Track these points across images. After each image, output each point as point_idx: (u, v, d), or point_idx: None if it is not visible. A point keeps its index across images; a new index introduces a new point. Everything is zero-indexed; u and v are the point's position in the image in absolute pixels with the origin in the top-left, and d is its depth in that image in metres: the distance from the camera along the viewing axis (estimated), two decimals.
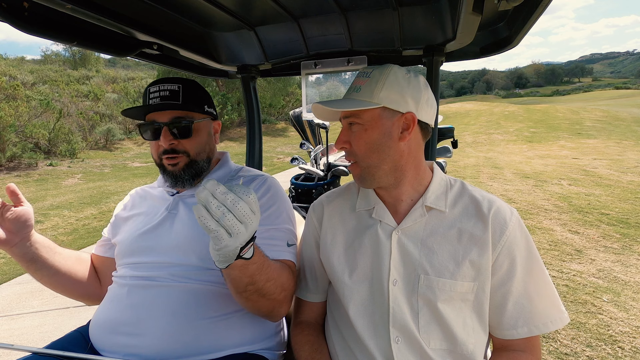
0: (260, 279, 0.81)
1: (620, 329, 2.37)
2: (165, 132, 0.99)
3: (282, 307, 0.93)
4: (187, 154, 1.03)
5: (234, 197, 0.64)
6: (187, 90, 1.03)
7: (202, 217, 0.63)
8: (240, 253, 0.69)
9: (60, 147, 11.63)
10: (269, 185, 1.09)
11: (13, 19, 0.85)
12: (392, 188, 0.88)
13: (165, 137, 0.99)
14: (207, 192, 0.63)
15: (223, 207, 0.63)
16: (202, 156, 1.06)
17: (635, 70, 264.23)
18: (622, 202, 5.16)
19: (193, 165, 1.04)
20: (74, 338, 0.99)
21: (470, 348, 0.81)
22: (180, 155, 1.02)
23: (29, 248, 0.97)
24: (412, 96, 0.83)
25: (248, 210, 0.65)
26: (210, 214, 0.63)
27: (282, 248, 0.98)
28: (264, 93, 20.00)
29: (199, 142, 1.05)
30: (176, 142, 1.01)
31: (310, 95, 1.67)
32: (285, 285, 0.89)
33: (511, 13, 1.16)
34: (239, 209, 0.64)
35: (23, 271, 3.83)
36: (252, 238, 0.71)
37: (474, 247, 0.81)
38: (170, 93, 1.01)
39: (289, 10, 1.24)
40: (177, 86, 1.01)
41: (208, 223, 0.63)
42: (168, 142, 1.00)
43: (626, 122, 15.58)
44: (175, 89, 1.01)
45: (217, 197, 0.63)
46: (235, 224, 0.64)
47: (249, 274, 0.78)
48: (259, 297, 0.84)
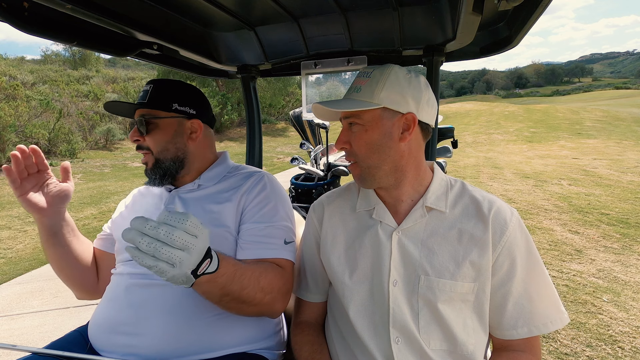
0: (233, 289, 0.80)
1: (620, 329, 2.37)
2: (134, 129, 1.05)
3: (274, 308, 0.92)
4: (150, 151, 1.05)
5: (167, 228, 0.62)
6: (156, 90, 1.05)
7: (136, 257, 0.61)
8: (198, 272, 0.68)
9: (60, 147, 11.63)
10: (265, 182, 1.08)
11: (13, 19, 0.85)
12: (393, 188, 0.88)
13: (132, 133, 1.05)
14: (135, 232, 0.61)
15: (155, 241, 0.61)
16: (165, 155, 1.05)
17: (635, 70, 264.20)
18: (622, 202, 5.16)
19: (158, 164, 1.05)
20: (74, 338, 0.99)
21: (471, 348, 0.81)
22: (146, 152, 1.06)
23: (58, 221, 1.04)
24: (412, 96, 0.83)
25: (186, 236, 0.63)
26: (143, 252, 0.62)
27: (278, 246, 0.98)
28: (264, 93, 19.99)
29: (160, 139, 1.04)
30: (141, 138, 1.05)
31: (310, 95, 1.67)
32: (268, 289, 0.88)
33: (511, 13, 1.16)
34: (175, 238, 0.62)
35: (23, 271, 3.83)
36: (207, 255, 0.70)
37: (474, 247, 0.81)
38: (144, 93, 1.06)
39: (289, 10, 1.24)
40: (149, 86, 1.06)
41: (144, 261, 0.61)
42: (132, 138, 1.05)
43: (626, 122, 15.58)
44: (147, 89, 1.06)
45: (148, 233, 0.61)
46: (175, 254, 0.62)
47: (219, 286, 0.78)
48: (239, 304, 0.84)
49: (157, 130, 1.04)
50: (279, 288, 0.91)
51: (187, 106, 1.08)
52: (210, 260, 0.71)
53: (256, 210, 1.02)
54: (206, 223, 0.98)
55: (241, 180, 1.08)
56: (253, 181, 1.08)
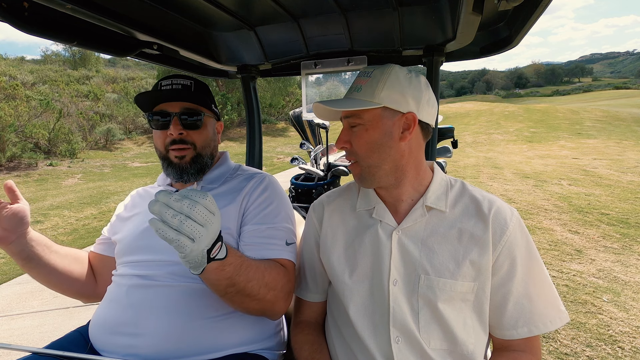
0: (239, 280, 0.81)
1: (620, 329, 2.37)
2: (175, 121, 1.01)
3: (276, 307, 0.92)
4: (195, 146, 1.04)
5: (190, 202, 0.64)
6: (198, 86, 1.07)
7: (160, 229, 0.63)
8: (210, 255, 0.70)
9: (60, 147, 11.63)
10: (267, 184, 1.08)
11: (13, 19, 0.85)
12: (393, 188, 0.88)
13: (175, 126, 1.01)
14: (161, 204, 0.63)
15: (180, 214, 0.63)
16: (207, 151, 1.08)
17: (635, 70, 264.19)
18: (622, 202, 5.16)
19: (198, 159, 1.05)
20: (74, 338, 0.99)
21: (471, 348, 0.81)
22: (188, 147, 1.03)
23: (25, 246, 0.97)
24: (413, 96, 0.83)
25: (206, 211, 0.65)
26: (167, 224, 0.63)
27: (280, 247, 0.98)
28: (264, 93, 20.00)
29: (206, 136, 1.07)
30: (185, 132, 1.02)
31: (310, 95, 1.67)
32: (272, 285, 0.88)
33: (511, 13, 1.16)
34: (197, 211, 0.64)
35: (23, 271, 3.83)
36: (219, 238, 0.71)
37: (474, 247, 0.81)
38: (183, 87, 1.04)
39: (289, 10, 1.24)
40: (189, 81, 1.06)
41: (167, 234, 0.63)
42: (178, 131, 1.01)
43: (626, 122, 15.58)
44: (188, 84, 1.05)
45: (172, 206, 0.63)
46: (196, 228, 0.64)
47: (226, 275, 0.78)
48: (243, 297, 0.84)
49: (204, 126, 1.06)
50: (282, 286, 0.92)
51: (217, 108, 1.14)
52: (221, 244, 0.73)
53: (257, 211, 1.02)
54: None
55: (243, 182, 1.09)
56: (254, 183, 1.08)
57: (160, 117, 1.02)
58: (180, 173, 1.04)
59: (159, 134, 1.04)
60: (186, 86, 1.04)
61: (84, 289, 1.11)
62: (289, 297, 0.96)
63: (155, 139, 1.07)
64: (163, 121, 1.02)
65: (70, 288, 1.09)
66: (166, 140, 1.03)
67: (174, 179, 1.07)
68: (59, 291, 1.09)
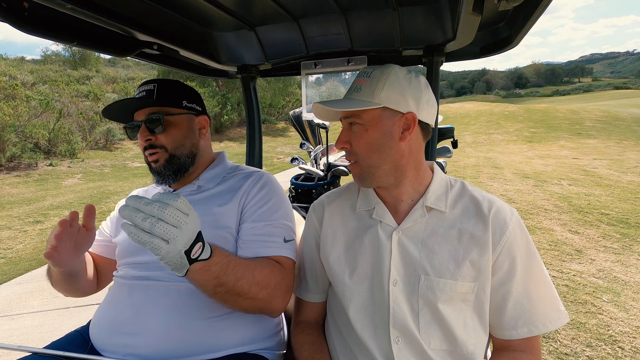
0: (228, 280, 0.81)
1: (620, 329, 2.37)
2: (142, 128, 1.02)
3: (273, 304, 0.92)
4: (165, 148, 1.04)
5: (160, 204, 0.64)
6: (162, 88, 1.05)
7: (132, 233, 0.63)
8: (191, 255, 0.70)
9: (60, 147, 11.62)
10: (265, 181, 1.08)
11: (13, 19, 0.84)
12: (393, 188, 0.88)
13: (142, 133, 1.02)
14: (131, 208, 0.64)
15: (151, 217, 0.64)
16: (181, 151, 1.06)
17: (635, 70, 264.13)
18: (622, 202, 5.16)
19: (173, 160, 1.04)
20: (74, 338, 0.99)
21: (471, 348, 0.81)
22: (158, 150, 1.03)
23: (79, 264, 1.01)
24: (412, 96, 0.83)
25: (178, 213, 0.66)
26: (139, 227, 0.63)
27: (278, 244, 0.98)
28: (264, 93, 19.99)
29: (175, 136, 1.05)
30: (153, 137, 1.03)
31: (310, 95, 1.67)
32: (264, 283, 0.88)
33: (511, 13, 1.16)
34: (168, 213, 0.65)
35: (23, 271, 3.83)
36: (198, 238, 0.72)
37: (475, 247, 0.81)
38: (147, 92, 1.04)
39: (289, 10, 1.24)
40: (152, 85, 1.05)
41: (140, 237, 0.63)
42: (144, 138, 1.02)
43: (626, 122, 15.58)
44: (151, 88, 1.04)
45: (142, 209, 0.64)
46: (169, 229, 0.64)
47: (212, 275, 0.78)
48: (234, 296, 0.84)
49: (171, 127, 1.04)
50: (276, 284, 0.91)
51: (193, 103, 1.12)
52: (203, 245, 0.73)
53: (255, 208, 1.02)
54: (207, 225, 0.97)
55: (241, 181, 1.09)
56: (252, 180, 1.08)
57: (130, 128, 1.05)
58: (158, 176, 1.06)
59: (139, 143, 1.06)
60: (149, 91, 1.04)
61: (88, 289, 1.13)
62: (286, 294, 0.95)
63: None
64: (132, 131, 1.05)
65: (79, 290, 1.09)
66: (142, 148, 1.05)
67: (156, 183, 1.09)
68: (68, 294, 1.09)
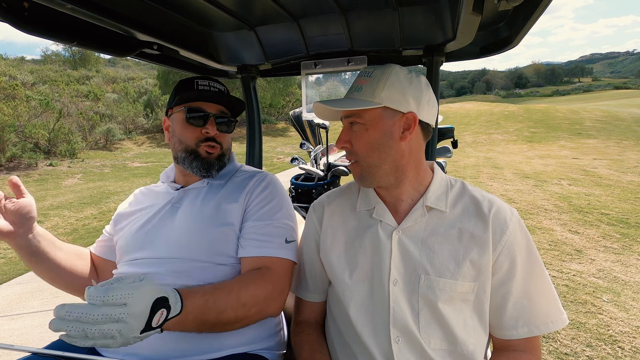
0: (209, 318, 0.81)
1: (620, 329, 2.37)
2: (212, 121, 1.07)
3: (268, 312, 0.92)
4: (222, 146, 1.11)
5: (87, 309, 0.60)
6: (228, 94, 1.14)
7: (73, 342, 0.60)
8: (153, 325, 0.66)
9: (60, 147, 11.63)
10: (268, 182, 1.10)
11: (13, 19, 0.84)
12: (393, 188, 0.88)
13: (212, 125, 1.07)
14: (57, 320, 0.60)
15: (80, 324, 0.60)
16: (228, 152, 1.16)
17: (635, 70, 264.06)
18: (622, 202, 5.16)
19: (222, 158, 1.12)
20: None
21: (471, 348, 0.81)
22: (218, 145, 1.10)
23: (31, 241, 0.98)
24: (413, 96, 0.83)
25: (111, 309, 0.61)
26: (77, 338, 0.60)
27: (278, 245, 0.98)
28: (264, 93, 19.99)
29: (230, 140, 1.17)
30: (217, 133, 1.09)
31: (310, 95, 1.67)
32: (252, 302, 0.87)
33: (511, 13, 1.16)
34: (98, 317, 0.60)
35: (23, 271, 3.83)
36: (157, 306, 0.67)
37: (475, 247, 0.81)
38: (219, 91, 1.11)
39: (289, 10, 1.24)
40: (224, 87, 1.14)
41: (84, 343, 0.60)
42: (215, 130, 1.07)
43: (626, 122, 15.57)
44: (223, 90, 1.13)
45: (68, 319, 0.60)
46: (107, 328, 0.60)
47: (190, 322, 0.78)
48: (223, 326, 0.84)
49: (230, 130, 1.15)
50: (265, 297, 0.90)
51: None
52: (167, 310, 0.70)
53: (257, 208, 1.03)
54: (213, 220, 0.99)
55: (246, 181, 1.10)
56: (256, 180, 1.10)
57: (196, 114, 1.07)
58: (207, 166, 1.07)
59: (192, 129, 1.07)
60: (222, 91, 1.12)
61: (85, 284, 1.11)
62: (279, 297, 0.95)
63: (185, 133, 1.07)
64: (199, 119, 1.07)
65: (72, 284, 1.09)
66: (200, 136, 1.07)
67: (200, 171, 1.07)
68: (61, 287, 1.09)
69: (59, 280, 1.06)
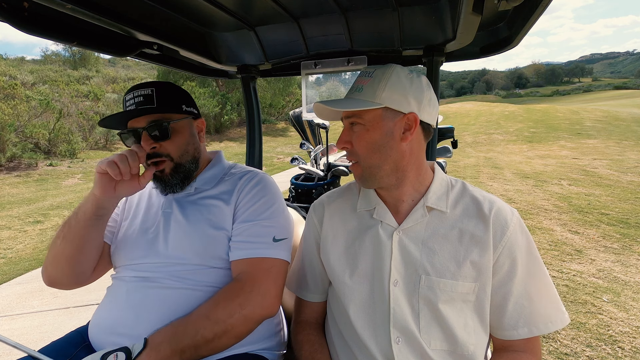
0: (187, 343, 0.81)
1: (620, 329, 2.37)
2: (144, 136, 0.97)
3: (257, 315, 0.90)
4: (170, 157, 1.01)
5: None
6: (160, 93, 1.01)
7: None
8: None
9: (60, 147, 11.61)
10: (257, 180, 1.08)
11: (13, 19, 0.84)
12: (393, 188, 0.88)
13: (146, 141, 0.97)
14: None
15: None
16: (186, 157, 1.04)
17: (635, 70, 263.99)
18: (622, 202, 5.16)
19: (179, 169, 1.03)
20: (73, 338, 0.99)
21: (471, 349, 0.81)
22: (163, 159, 1.01)
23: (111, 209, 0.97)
24: (414, 96, 0.83)
25: None
26: None
27: (264, 245, 0.97)
28: (264, 93, 19.99)
29: (180, 143, 1.03)
30: (157, 145, 0.99)
31: (310, 95, 1.67)
32: (225, 315, 0.85)
33: (511, 13, 1.16)
34: None
35: (23, 271, 3.83)
36: None
37: (475, 247, 0.81)
38: (144, 98, 0.99)
39: (289, 10, 1.24)
40: (150, 90, 1.00)
41: None
42: (149, 146, 0.97)
43: (626, 122, 15.57)
44: (149, 93, 0.99)
45: None
46: None
47: (170, 352, 0.79)
48: (209, 343, 0.84)
49: (175, 134, 1.02)
50: (240, 303, 0.88)
51: (191, 106, 1.09)
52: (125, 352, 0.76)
53: (245, 208, 1.02)
54: (205, 226, 0.98)
55: (236, 181, 1.09)
56: (245, 180, 1.08)
57: (129, 136, 1.00)
58: (164, 185, 1.03)
59: None
60: (147, 96, 0.99)
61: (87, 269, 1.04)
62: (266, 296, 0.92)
63: None
64: (133, 139, 1.00)
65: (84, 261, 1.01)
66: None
67: (161, 192, 1.06)
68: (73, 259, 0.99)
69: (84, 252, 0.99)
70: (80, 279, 1.04)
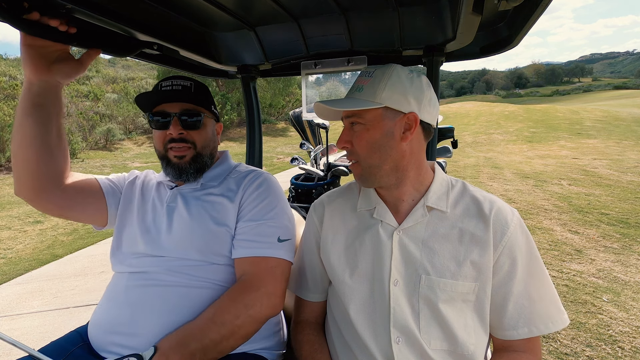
0: (196, 347, 0.81)
1: (620, 329, 2.37)
2: (175, 121, 1.02)
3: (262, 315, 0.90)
4: (195, 145, 1.06)
5: None
6: (198, 88, 1.08)
7: None
8: None
9: None
10: (262, 180, 1.09)
11: (13, 19, 0.84)
12: (394, 188, 0.88)
13: (175, 126, 1.02)
14: None
15: None
16: (206, 151, 1.09)
17: (635, 70, 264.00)
18: (622, 202, 5.16)
19: (198, 159, 1.06)
20: (73, 338, 0.99)
21: (471, 349, 0.81)
22: (188, 145, 1.04)
23: (48, 95, 0.91)
24: (414, 96, 0.83)
25: None
26: None
27: (269, 245, 0.98)
28: (264, 93, 19.99)
29: (206, 136, 1.09)
30: (185, 132, 1.04)
31: (310, 95, 1.67)
32: (231, 317, 0.86)
33: (511, 13, 1.16)
34: None
35: (23, 271, 3.83)
36: None
37: (475, 247, 0.81)
38: (183, 88, 1.05)
39: (289, 10, 1.24)
40: (189, 82, 1.07)
41: None
42: (177, 131, 1.02)
43: (626, 122, 15.56)
44: (188, 85, 1.06)
45: None
46: None
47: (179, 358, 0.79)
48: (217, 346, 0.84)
49: (204, 127, 1.08)
50: (245, 305, 0.88)
51: (216, 109, 1.15)
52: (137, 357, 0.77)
53: (251, 207, 1.03)
54: (208, 222, 0.99)
55: (240, 180, 1.10)
56: (249, 179, 1.09)
57: (160, 118, 1.04)
58: (179, 172, 1.05)
59: (159, 134, 1.05)
60: (186, 87, 1.06)
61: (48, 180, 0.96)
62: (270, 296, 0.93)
63: (155, 139, 1.08)
64: (163, 121, 1.03)
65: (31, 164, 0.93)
66: (165, 140, 1.04)
67: (173, 178, 1.08)
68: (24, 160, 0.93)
69: (30, 150, 0.91)
70: (44, 185, 0.95)
